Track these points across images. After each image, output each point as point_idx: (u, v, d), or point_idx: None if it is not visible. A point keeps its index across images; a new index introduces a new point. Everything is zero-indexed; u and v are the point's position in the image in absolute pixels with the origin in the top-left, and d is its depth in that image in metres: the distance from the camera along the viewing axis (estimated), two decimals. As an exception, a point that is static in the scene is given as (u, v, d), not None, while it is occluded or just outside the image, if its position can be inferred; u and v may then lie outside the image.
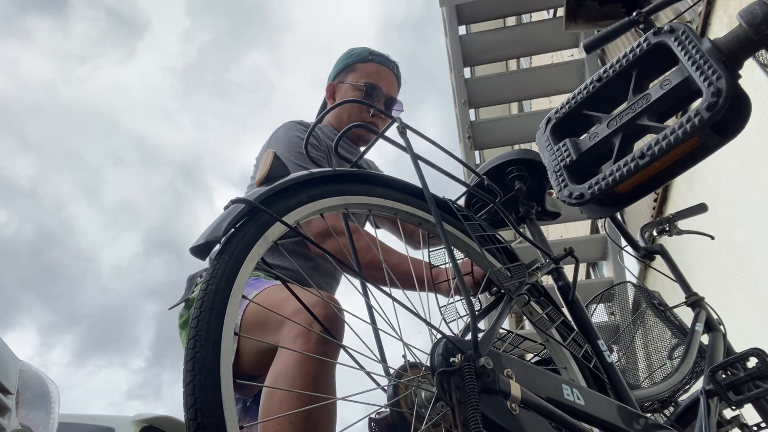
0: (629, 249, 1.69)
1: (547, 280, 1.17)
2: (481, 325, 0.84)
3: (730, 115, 0.80)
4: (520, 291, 0.94)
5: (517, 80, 4.56)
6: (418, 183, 0.89)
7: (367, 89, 1.56)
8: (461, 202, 1.28)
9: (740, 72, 0.83)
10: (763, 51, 1.90)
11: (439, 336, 0.75)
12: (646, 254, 1.65)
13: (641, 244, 1.69)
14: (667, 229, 1.76)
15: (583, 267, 5.77)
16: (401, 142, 0.90)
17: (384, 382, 0.81)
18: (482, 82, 4.56)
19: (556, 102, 4.81)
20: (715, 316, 1.55)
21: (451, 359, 0.70)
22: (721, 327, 1.53)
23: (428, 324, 0.79)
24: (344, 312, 1.28)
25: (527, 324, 1.08)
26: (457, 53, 4.43)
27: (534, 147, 1.29)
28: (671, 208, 3.39)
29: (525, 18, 5.78)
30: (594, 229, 5.18)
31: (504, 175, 1.25)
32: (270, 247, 0.78)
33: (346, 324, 0.98)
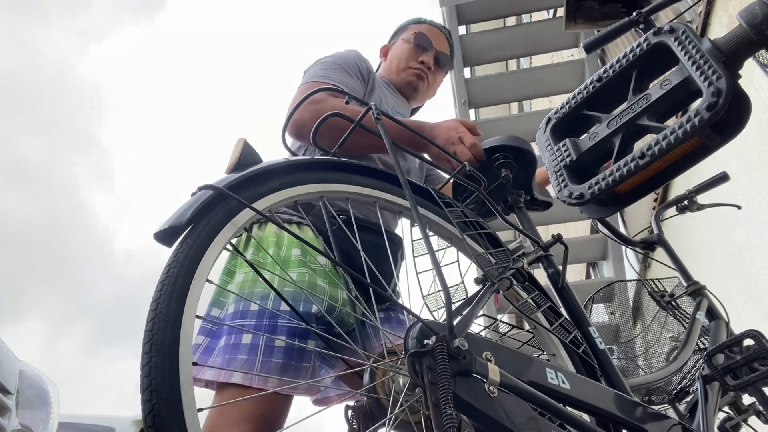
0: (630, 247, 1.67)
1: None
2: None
3: (730, 115, 0.80)
4: (503, 275, 0.93)
5: (517, 80, 4.56)
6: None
7: (416, 39, 1.65)
8: (450, 193, 1.26)
9: (740, 72, 0.83)
10: (763, 51, 1.91)
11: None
12: (646, 246, 1.61)
13: (655, 230, 1.64)
14: (687, 205, 1.68)
15: (583, 267, 5.76)
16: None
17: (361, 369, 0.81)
18: (482, 82, 4.57)
19: (556, 102, 4.81)
20: (718, 305, 1.52)
21: (426, 342, 0.68)
22: (724, 315, 1.50)
23: (404, 308, 0.79)
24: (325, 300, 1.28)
25: (527, 324, 1.07)
26: (457, 53, 4.43)
27: (534, 146, 1.28)
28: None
29: (525, 18, 5.79)
30: (594, 229, 5.18)
31: (490, 163, 1.21)
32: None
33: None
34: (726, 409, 1.32)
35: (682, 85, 0.85)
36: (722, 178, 1.69)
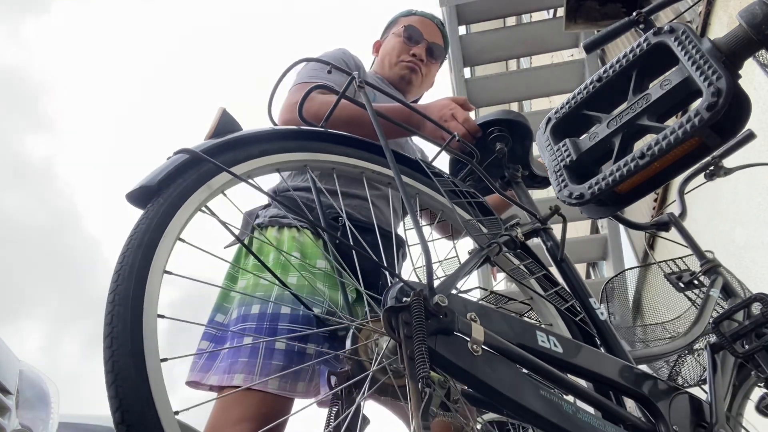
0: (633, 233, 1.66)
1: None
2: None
3: (729, 115, 0.80)
4: (492, 241, 0.92)
5: (517, 80, 4.56)
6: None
7: (405, 31, 1.63)
8: (447, 169, 1.25)
9: (740, 72, 0.83)
10: (763, 51, 1.90)
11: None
12: (659, 227, 1.58)
13: (679, 204, 1.61)
14: (714, 170, 1.63)
15: (583, 267, 5.77)
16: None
17: (343, 335, 0.81)
18: (482, 82, 4.57)
19: (556, 102, 4.81)
20: (735, 281, 1.48)
21: (404, 299, 0.67)
22: (741, 293, 1.45)
23: (386, 269, 0.78)
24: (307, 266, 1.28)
25: (524, 295, 1.05)
26: (457, 53, 4.43)
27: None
28: (671, 208, 3.37)
29: (525, 18, 5.79)
30: (594, 229, 5.18)
31: (485, 138, 1.20)
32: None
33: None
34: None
35: (682, 85, 0.85)
36: (748, 137, 1.58)
